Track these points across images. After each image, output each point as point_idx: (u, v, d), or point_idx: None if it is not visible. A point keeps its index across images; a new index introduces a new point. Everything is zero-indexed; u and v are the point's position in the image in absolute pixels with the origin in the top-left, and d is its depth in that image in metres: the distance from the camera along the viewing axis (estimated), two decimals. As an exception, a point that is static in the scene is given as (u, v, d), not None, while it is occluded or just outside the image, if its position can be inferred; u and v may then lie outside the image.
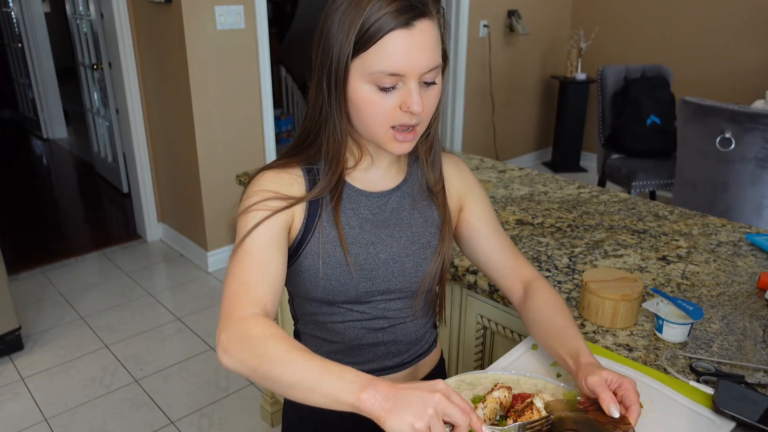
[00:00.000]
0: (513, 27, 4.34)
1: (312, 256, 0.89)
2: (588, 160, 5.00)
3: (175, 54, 2.94)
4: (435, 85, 0.83)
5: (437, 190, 0.97)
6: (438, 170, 0.98)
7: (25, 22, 5.37)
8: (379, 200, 0.94)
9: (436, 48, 0.80)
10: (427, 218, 0.97)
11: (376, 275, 0.92)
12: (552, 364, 0.94)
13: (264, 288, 0.80)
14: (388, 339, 0.98)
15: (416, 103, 0.79)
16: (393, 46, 0.77)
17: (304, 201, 0.88)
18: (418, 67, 0.79)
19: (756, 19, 3.88)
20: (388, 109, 0.81)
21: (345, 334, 0.96)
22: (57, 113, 5.92)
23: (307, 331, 1.00)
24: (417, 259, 0.94)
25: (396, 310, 0.97)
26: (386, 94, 0.80)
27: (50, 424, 2.14)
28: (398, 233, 0.94)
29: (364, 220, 0.92)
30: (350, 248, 0.90)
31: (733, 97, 3.94)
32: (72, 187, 4.82)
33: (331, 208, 0.90)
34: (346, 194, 0.92)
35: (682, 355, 0.98)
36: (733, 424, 0.81)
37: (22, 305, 2.90)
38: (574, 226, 1.50)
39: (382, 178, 0.95)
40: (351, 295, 0.92)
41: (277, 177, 0.89)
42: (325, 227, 0.90)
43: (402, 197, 0.96)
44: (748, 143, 2.46)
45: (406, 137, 0.84)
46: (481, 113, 4.48)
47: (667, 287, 1.20)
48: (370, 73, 0.79)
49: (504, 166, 2.00)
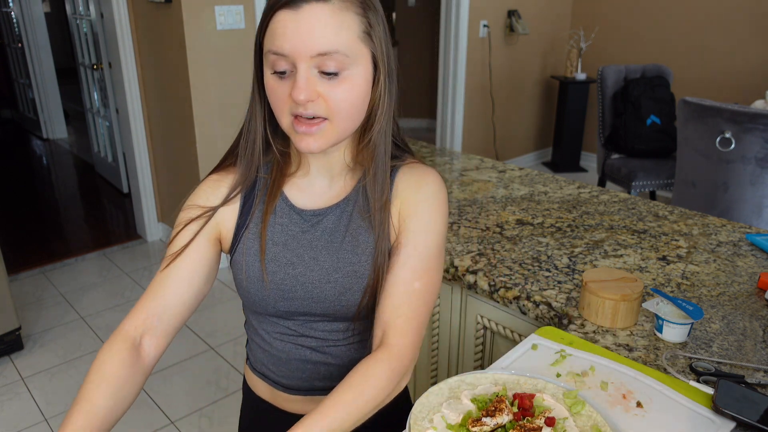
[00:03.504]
0: (513, 27, 4.34)
1: (237, 265, 0.88)
2: (588, 160, 5.00)
3: (175, 54, 2.94)
4: (342, 76, 0.75)
5: (375, 210, 0.84)
6: (381, 187, 0.84)
7: (25, 22, 5.37)
8: (312, 219, 0.87)
9: (337, 32, 0.73)
10: (359, 243, 0.85)
11: (294, 297, 0.86)
12: (552, 363, 0.94)
13: (150, 299, 0.83)
14: (318, 359, 0.91)
15: (298, 89, 0.73)
16: (278, 23, 0.74)
17: (214, 209, 0.87)
18: (302, 49, 0.73)
19: (756, 19, 3.88)
20: (283, 95, 0.76)
21: (273, 346, 0.93)
22: (57, 113, 5.92)
23: (249, 334, 0.99)
24: (340, 288, 0.85)
25: (326, 332, 0.90)
26: (280, 79, 0.76)
27: (50, 424, 2.14)
28: (323, 257, 0.86)
29: (291, 237, 0.87)
30: (268, 266, 0.86)
31: (733, 97, 3.94)
32: (72, 187, 4.82)
33: (259, 220, 0.87)
34: (279, 207, 0.88)
35: (682, 355, 0.98)
36: (733, 424, 0.81)
37: (22, 305, 2.90)
38: (574, 226, 1.50)
39: (323, 193, 0.88)
40: (270, 311, 0.88)
41: (213, 186, 0.89)
42: (249, 239, 0.87)
43: (339, 218, 0.87)
44: (748, 143, 2.46)
45: (306, 129, 0.77)
46: (481, 113, 4.48)
47: (667, 287, 1.20)
48: (266, 54, 0.77)
49: (504, 166, 2.00)
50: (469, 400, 0.81)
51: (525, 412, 0.78)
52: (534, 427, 0.74)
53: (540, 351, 0.98)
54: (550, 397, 0.81)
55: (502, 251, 1.35)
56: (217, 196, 0.88)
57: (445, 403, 0.80)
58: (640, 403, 0.85)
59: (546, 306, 1.14)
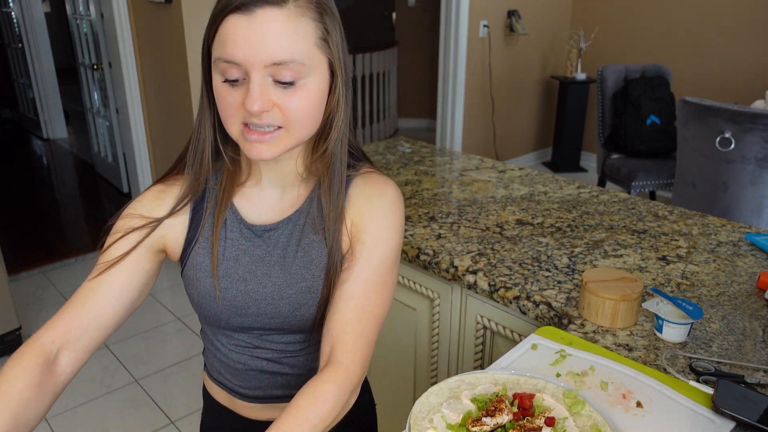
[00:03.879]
0: (513, 27, 4.34)
1: (188, 279, 0.85)
2: (588, 160, 5.00)
3: (175, 54, 2.94)
4: (294, 86, 0.72)
5: (329, 222, 0.82)
6: (336, 198, 0.82)
7: (25, 22, 5.37)
8: (263, 233, 0.84)
9: (292, 39, 0.70)
10: (312, 258, 0.83)
11: (248, 313, 0.84)
12: (552, 363, 0.94)
13: (71, 308, 0.78)
14: (275, 369, 0.90)
15: (252, 99, 0.70)
16: (228, 30, 0.70)
17: (158, 221, 0.83)
18: (256, 56, 0.69)
19: (756, 19, 3.88)
20: (233, 104, 0.73)
21: (229, 357, 0.90)
22: (57, 113, 5.92)
23: (205, 343, 0.96)
24: (294, 303, 0.83)
25: (282, 344, 0.88)
26: (231, 87, 0.72)
27: (50, 424, 2.14)
28: (276, 273, 0.83)
29: (242, 252, 0.84)
30: (220, 281, 0.83)
31: (733, 97, 3.94)
32: (72, 187, 4.82)
33: (209, 235, 0.84)
34: (229, 220, 0.85)
35: (682, 355, 0.98)
36: (733, 424, 0.81)
37: (22, 305, 2.90)
38: (574, 226, 1.50)
39: (274, 205, 0.85)
40: (223, 325, 0.87)
41: (158, 196, 0.85)
42: (198, 254, 0.84)
43: (291, 232, 0.84)
44: (748, 143, 2.46)
45: (258, 137, 0.73)
46: (481, 113, 4.48)
47: (667, 287, 1.20)
48: (215, 61, 0.73)
49: (504, 166, 2.00)
50: (469, 400, 0.81)
51: (525, 412, 0.78)
52: (534, 427, 0.74)
53: (540, 351, 0.98)
54: (550, 397, 0.81)
55: (502, 251, 1.35)
56: (162, 207, 0.84)
57: (445, 403, 0.80)
58: (640, 403, 0.85)
59: (546, 306, 1.14)
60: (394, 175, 1.87)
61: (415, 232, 1.44)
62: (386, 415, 1.63)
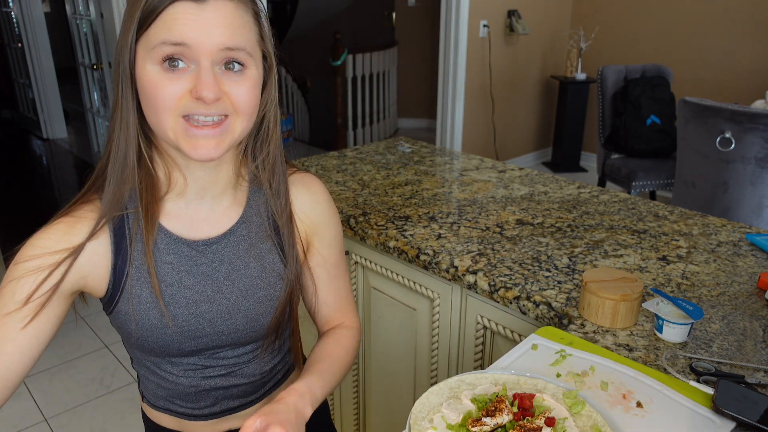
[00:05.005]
0: (513, 27, 4.34)
1: (123, 316, 0.77)
2: (588, 160, 5.00)
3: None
4: (245, 73, 0.71)
5: (282, 224, 0.82)
6: (283, 198, 0.82)
7: (25, 22, 5.37)
8: (205, 249, 0.79)
9: (241, 30, 0.70)
10: (265, 266, 0.82)
11: (201, 335, 0.80)
12: (552, 363, 0.94)
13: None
14: (228, 383, 0.87)
15: (206, 87, 0.67)
16: (178, 14, 0.67)
17: (77, 250, 0.73)
18: (208, 41, 0.67)
19: (756, 19, 3.88)
20: (175, 94, 0.68)
21: (178, 383, 0.85)
22: (57, 113, 5.92)
23: (142, 373, 0.89)
24: (252, 314, 0.82)
25: (233, 357, 0.86)
26: (173, 75, 0.68)
27: (50, 424, 2.14)
28: (228, 288, 0.80)
29: (185, 274, 0.78)
30: (168, 308, 0.77)
31: (733, 97, 3.94)
32: (72, 187, 4.82)
33: (142, 262, 0.76)
34: (161, 242, 0.77)
35: (682, 355, 0.98)
36: (733, 424, 0.81)
37: (22, 305, 2.90)
38: (574, 226, 1.50)
39: (209, 214, 0.80)
40: (174, 353, 0.81)
41: (65, 231, 0.74)
42: (134, 287, 0.76)
43: (237, 243, 0.81)
44: (748, 143, 2.46)
45: (204, 131, 0.69)
46: (481, 113, 4.48)
47: (667, 287, 1.20)
48: (153, 48, 0.68)
49: (504, 166, 2.00)
50: (469, 400, 0.81)
51: (525, 412, 0.78)
52: (534, 427, 0.74)
53: (540, 351, 0.98)
54: (550, 397, 0.81)
55: (502, 251, 1.35)
56: (75, 239, 0.74)
57: (445, 403, 0.80)
58: (640, 403, 0.85)
59: (546, 306, 1.14)
60: (394, 175, 1.87)
61: (415, 232, 1.44)
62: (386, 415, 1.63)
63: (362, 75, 5.21)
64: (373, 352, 1.60)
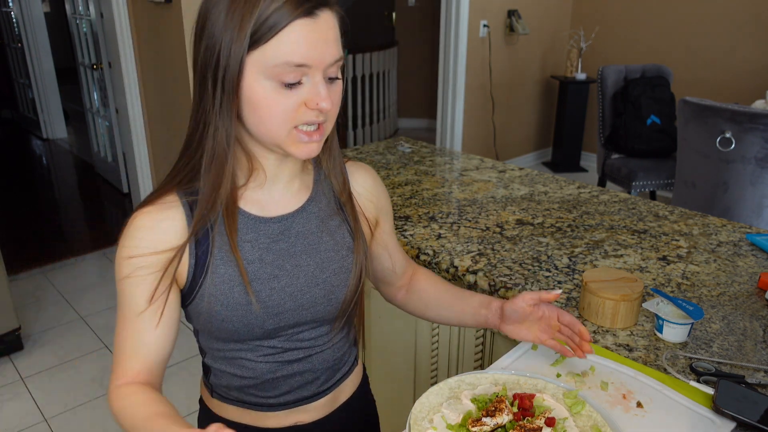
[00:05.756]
0: (513, 27, 4.34)
1: (208, 298, 0.81)
2: (588, 160, 5.00)
3: (175, 54, 2.94)
4: (338, 80, 0.77)
5: (344, 200, 0.90)
6: (341, 177, 0.90)
7: (25, 22, 5.37)
8: (280, 226, 0.84)
9: (338, 40, 0.75)
10: (337, 240, 0.88)
11: (283, 311, 0.84)
12: (552, 363, 0.94)
13: (135, 360, 0.82)
14: (305, 369, 0.91)
15: (324, 99, 0.73)
16: (297, 36, 0.70)
17: (185, 246, 0.79)
18: (324, 58, 0.73)
19: (756, 19, 3.88)
20: (291, 107, 0.73)
21: (256, 370, 0.89)
22: (57, 113, 5.92)
23: (215, 366, 0.93)
24: (328, 287, 0.87)
25: (311, 339, 0.90)
26: (290, 91, 0.73)
27: (50, 424, 2.14)
28: (305, 261, 0.85)
29: (264, 251, 0.83)
30: (251, 285, 0.82)
31: (733, 97, 3.94)
32: (72, 187, 4.82)
33: (224, 242, 0.81)
34: (241, 223, 0.82)
35: (682, 355, 0.98)
36: (733, 424, 0.81)
37: (22, 305, 2.90)
38: (574, 226, 1.50)
39: (282, 197, 0.86)
40: (257, 333, 0.85)
41: (151, 221, 0.79)
42: (218, 266, 0.80)
43: (308, 219, 0.87)
44: (748, 143, 2.46)
45: (312, 137, 0.76)
46: (481, 113, 4.48)
47: (667, 287, 1.20)
48: (272, 67, 0.71)
49: (504, 166, 2.00)
50: (469, 400, 0.81)
51: (525, 412, 0.77)
52: (534, 427, 0.74)
53: (540, 351, 0.97)
54: (550, 398, 0.81)
55: (502, 251, 1.35)
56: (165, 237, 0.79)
57: (445, 403, 0.80)
58: (640, 403, 0.85)
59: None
60: (394, 175, 1.87)
61: (415, 232, 1.44)
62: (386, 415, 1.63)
63: (362, 75, 5.21)
64: (374, 351, 1.60)
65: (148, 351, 0.82)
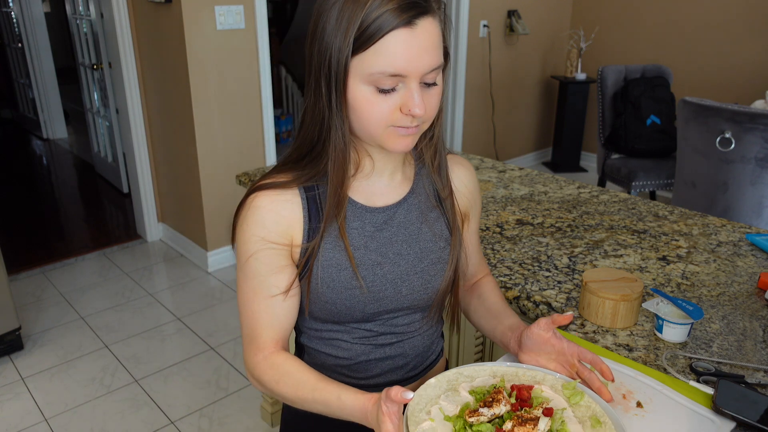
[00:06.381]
0: (513, 27, 4.34)
1: (315, 280, 0.86)
2: (588, 160, 5.00)
3: (175, 54, 2.94)
4: (436, 86, 0.80)
5: (445, 196, 0.94)
6: (444, 175, 0.94)
7: (25, 22, 5.37)
8: (384, 215, 0.89)
9: (438, 47, 0.77)
10: (435, 232, 0.93)
11: (384, 296, 0.89)
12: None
13: (272, 330, 0.87)
14: (396, 353, 0.95)
15: (417, 106, 0.76)
16: (394, 46, 0.73)
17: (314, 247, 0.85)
18: (420, 67, 0.75)
19: (756, 19, 3.88)
20: (386, 111, 0.77)
21: (351, 351, 0.93)
22: (57, 113, 5.92)
23: (311, 345, 0.96)
24: (426, 276, 0.91)
25: (405, 325, 0.94)
26: (385, 96, 0.76)
27: (50, 424, 2.14)
28: (406, 250, 0.90)
29: (369, 238, 0.88)
30: (357, 269, 0.87)
31: (733, 97, 3.94)
32: (72, 187, 4.82)
33: (333, 228, 0.86)
34: (349, 211, 0.88)
35: (682, 355, 0.98)
36: (733, 424, 0.81)
37: (22, 305, 2.90)
38: (574, 226, 1.50)
39: (386, 188, 0.90)
40: (357, 316, 0.89)
41: (272, 203, 0.84)
42: (327, 250, 0.86)
43: (409, 210, 0.91)
44: (748, 143, 2.46)
45: (408, 132, 0.80)
46: (481, 113, 4.48)
47: (667, 287, 1.20)
48: (369, 74, 0.75)
49: (504, 166, 2.00)
50: (467, 392, 0.81)
51: (523, 403, 0.77)
52: (531, 417, 0.74)
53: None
54: (548, 389, 0.81)
55: (502, 251, 1.35)
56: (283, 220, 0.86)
57: (443, 396, 0.80)
58: (640, 403, 0.85)
59: (546, 306, 1.14)
60: (394, 175, 1.87)
61: (415, 232, 1.44)
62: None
63: (362, 75, 5.21)
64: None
65: (282, 321, 0.87)
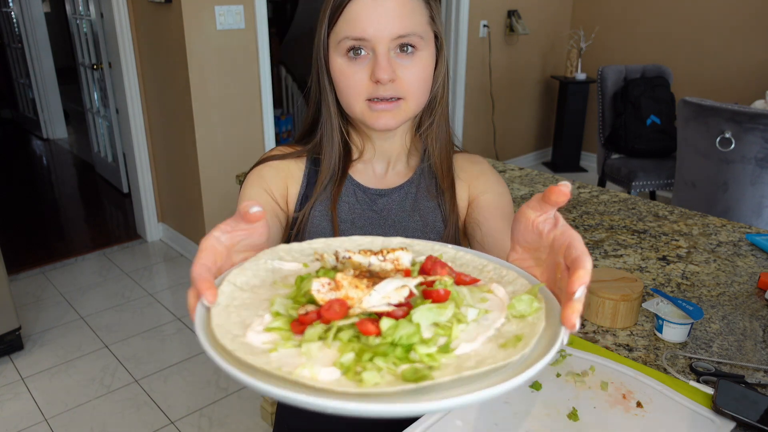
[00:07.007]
0: (513, 27, 4.34)
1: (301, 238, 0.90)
2: (588, 160, 5.00)
3: (175, 54, 2.94)
4: (416, 55, 0.81)
5: (445, 187, 0.93)
6: (446, 165, 0.93)
7: (25, 22, 5.37)
8: (377, 198, 0.92)
9: (409, 16, 0.79)
10: (427, 223, 0.92)
11: None
12: (552, 363, 0.94)
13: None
14: None
15: (383, 69, 0.78)
16: (357, 11, 0.78)
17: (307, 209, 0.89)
18: (384, 31, 0.78)
19: (756, 19, 3.88)
20: (360, 81, 0.81)
21: None
22: (57, 113, 5.92)
23: None
24: None
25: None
26: (355, 64, 0.80)
27: (50, 424, 2.14)
28: (391, 234, 0.90)
29: (357, 215, 0.91)
30: None
31: (733, 97, 3.94)
32: (72, 187, 4.82)
33: (325, 198, 0.90)
34: (345, 187, 0.91)
35: (682, 355, 0.98)
36: (733, 424, 0.81)
37: (22, 305, 2.90)
38: (574, 226, 1.50)
39: (385, 174, 0.93)
40: None
41: (274, 164, 0.92)
42: (316, 217, 0.89)
43: (403, 198, 0.92)
44: (748, 143, 2.46)
45: (385, 106, 0.82)
46: (481, 113, 4.48)
47: (667, 287, 1.20)
48: (339, 42, 0.80)
49: (504, 166, 2.00)
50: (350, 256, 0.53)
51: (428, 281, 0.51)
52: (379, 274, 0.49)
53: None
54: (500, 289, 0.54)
55: (502, 251, 1.35)
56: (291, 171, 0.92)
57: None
58: (640, 403, 0.85)
59: (546, 306, 1.14)
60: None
61: (415, 232, 1.44)
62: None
63: (362, 75, 5.22)
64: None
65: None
